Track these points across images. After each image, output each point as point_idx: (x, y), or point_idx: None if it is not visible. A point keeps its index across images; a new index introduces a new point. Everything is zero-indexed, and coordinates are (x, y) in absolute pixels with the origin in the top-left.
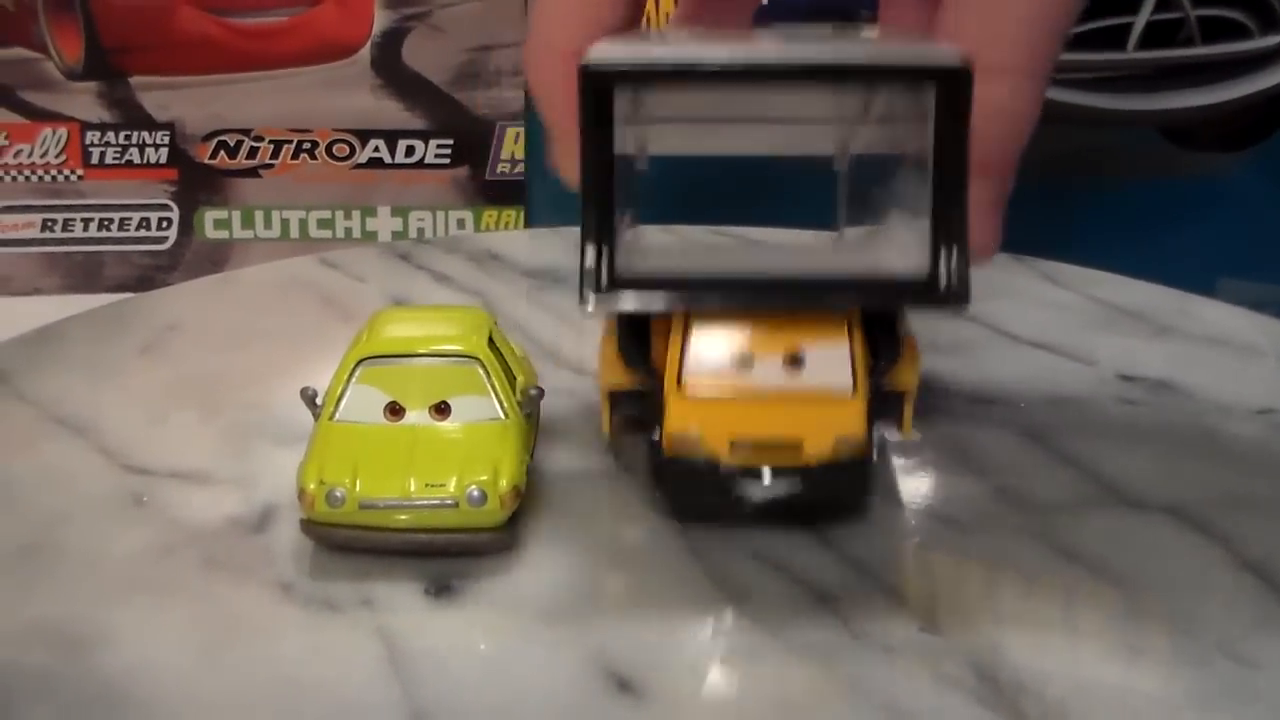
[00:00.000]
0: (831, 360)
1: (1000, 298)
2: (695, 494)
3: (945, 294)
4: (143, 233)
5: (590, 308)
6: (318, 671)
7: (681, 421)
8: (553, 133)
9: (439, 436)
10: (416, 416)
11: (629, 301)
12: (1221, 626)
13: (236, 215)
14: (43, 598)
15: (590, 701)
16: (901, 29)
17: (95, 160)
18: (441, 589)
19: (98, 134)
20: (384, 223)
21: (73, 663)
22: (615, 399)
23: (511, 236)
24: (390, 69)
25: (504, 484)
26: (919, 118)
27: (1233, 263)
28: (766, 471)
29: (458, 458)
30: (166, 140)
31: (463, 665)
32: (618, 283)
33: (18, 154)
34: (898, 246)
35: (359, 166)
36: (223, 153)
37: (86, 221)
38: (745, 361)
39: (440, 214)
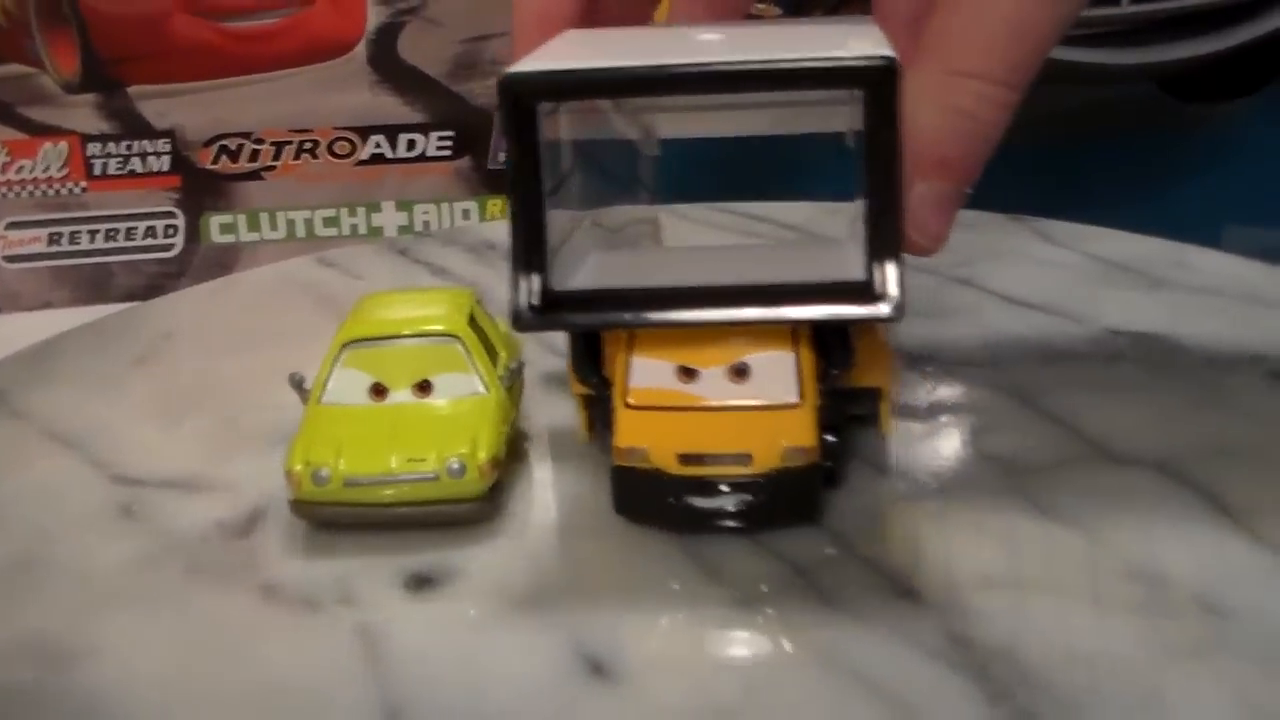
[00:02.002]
0: (776, 369)
1: (993, 259)
2: (646, 504)
3: (877, 302)
4: (150, 241)
5: (520, 329)
6: (298, 673)
7: (629, 435)
8: None
9: (420, 413)
10: (400, 396)
11: (562, 322)
12: (1198, 578)
13: (242, 219)
14: (29, 613)
15: (563, 686)
16: (854, 23)
17: (98, 171)
18: (421, 582)
19: (99, 145)
20: (389, 217)
21: (58, 677)
22: (588, 401)
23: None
24: (387, 64)
25: (482, 455)
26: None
27: (1239, 211)
28: (718, 485)
29: (437, 433)
30: (168, 148)
31: (438, 657)
32: (552, 302)
33: (20, 169)
34: (843, 250)
35: (361, 163)
36: (225, 157)
37: (93, 233)
38: (690, 374)
39: (445, 206)
